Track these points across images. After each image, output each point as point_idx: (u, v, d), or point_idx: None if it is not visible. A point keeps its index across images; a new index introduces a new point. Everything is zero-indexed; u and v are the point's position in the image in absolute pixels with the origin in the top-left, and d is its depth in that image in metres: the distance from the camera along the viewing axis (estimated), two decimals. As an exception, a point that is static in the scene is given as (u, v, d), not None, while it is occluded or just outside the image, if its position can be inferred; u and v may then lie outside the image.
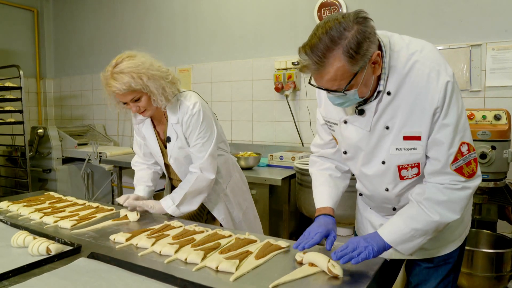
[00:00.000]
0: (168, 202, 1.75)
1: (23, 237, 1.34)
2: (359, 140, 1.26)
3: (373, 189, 1.35)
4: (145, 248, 1.34)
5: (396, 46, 1.15)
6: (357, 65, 1.05)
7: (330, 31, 1.02)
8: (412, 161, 1.21)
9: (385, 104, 1.17)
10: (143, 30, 4.40)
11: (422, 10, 2.85)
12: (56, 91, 5.38)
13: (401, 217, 1.20)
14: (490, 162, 2.13)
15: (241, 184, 2.06)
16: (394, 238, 1.18)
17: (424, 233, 1.18)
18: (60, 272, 1.16)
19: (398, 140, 1.19)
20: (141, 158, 1.98)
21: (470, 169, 1.15)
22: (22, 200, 1.99)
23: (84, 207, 1.88)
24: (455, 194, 1.15)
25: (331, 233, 1.26)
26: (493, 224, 2.49)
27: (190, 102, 1.71)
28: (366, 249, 1.14)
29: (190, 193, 1.75)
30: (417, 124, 1.15)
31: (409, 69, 1.13)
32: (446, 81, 1.10)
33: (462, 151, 1.14)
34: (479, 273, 2.21)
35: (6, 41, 4.80)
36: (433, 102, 1.11)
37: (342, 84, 1.08)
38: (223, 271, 1.15)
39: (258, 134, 3.69)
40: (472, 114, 2.26)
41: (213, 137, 1.76)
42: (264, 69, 3.54)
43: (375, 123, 1.21)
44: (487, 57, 2.65)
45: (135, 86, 1.56)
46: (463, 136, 1.14)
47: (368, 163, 1.29)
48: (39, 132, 4.19)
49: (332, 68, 1.04)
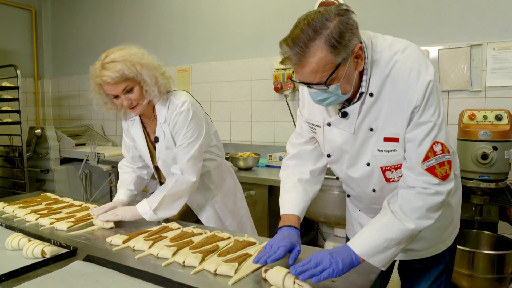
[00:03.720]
0: (145, 207, 1.63)
1: (18, 239, 1.32)
2: (343, 143, 1.24)
3: (360, 191, 1.34)
4: (142, 251, 1.32)
5: (378, 47, 1.13)
6: (340, 56, 1.02)
7: (312, 22, 1.01)
8: (394, 162, 1.19)
9: (368, 106, 1.15)
10: (142, 30, 4.37)
11: (423, 10, 2.83)
12: (54, 91, 5.35)
13: (373, 227, 1.12)
14: (492, 163, 2.11)
15: (235, 191, 1.98)
16: (367, 250, 1.09)
17: (398, 242, 1.10)
18: (55, 276, 1.13)
19: (379, 142, 1.17)
20: (128, 161, 1.91)
21: (444, 170, 1.11)
22: (18, 201, 1.96)
23: (81, 208, 1.86)
24: (429, 199, 1.11)
25: (295, 246, 1.18)
26: (494, 225, 2.47)
27: (179, 100, 1.66)
28: (330, 266, 1.03)
29: (169, 196, 1.63)
30: (396, 125, 1.13)
31: (390, 69, 1.11)
32: (427, 81, 1.08)
33: (434, 150, 1.11)
34: (480, 275, 2.19)
35: (3, 41, 4.77)
36: (412, 101, 1.09)
37: (324, 76, 1.04)
38: (221, 275, 1.12)
39: (257, 134, 3.67)
40: (473, 114, 2.25)
41: (200, 138, 1.68)
42: (263, 69, 3.52)
43: (359, 125, 1.18)
44: (487, 57, 2.64)
45: (128, 73, 1.51)
46: (437, 135, 1.11)
47: (353, 166, 1.27)
48: (36, 132, 4.16)
49: (314, 58, 1.01)
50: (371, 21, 3.01)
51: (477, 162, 2.15)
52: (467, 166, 2.21)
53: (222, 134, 3.86)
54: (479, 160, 2.13)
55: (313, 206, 2.75)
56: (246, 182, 2.87)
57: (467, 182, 2.23)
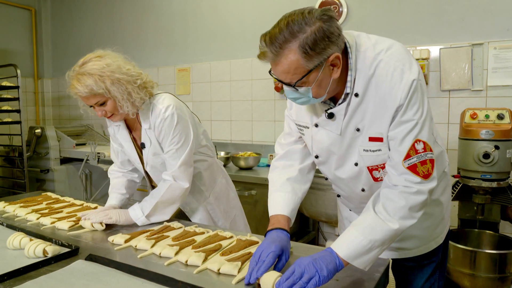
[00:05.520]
0: (138, 213, 1.61)
1: (19, 239, 1.31)
2: (331, 144, 1.23)
3: (350, 191, 1.33)
4: (145, 250, 1.31)
5: (362, 47, 1.13)
6: (312, 63, 1.02)
7: (291, 24, 1.01)
8: (380, 162, 1.19)
9: (354, 106, 1.14)
10: (142, 30, 4.36)
11: (423, 9, 2.83)
12: (54, 91, 5.34)
13: (357, 229, 1.10)
14: (493, 162, 2.11)
15: (228, 190, 1.95)
16: (351, 252, 1.06)
17: (382, 243, 1.08)
18: (57, 275, 1.13)
19: (365, 142, 1.17)
20: (118, 166, 1.88)
21: (426, 169, 1.10)
22: (19, 201, 1.95)
23: (82, 208, 1.85)
24: (412, 198, 1.10)
25: (284, 252, 1.13)
26: (496, 224, 2.47)
27: (163, 105, 1.60)
28: (316, 274, 1.01)
29: (162, 202, 1.61)
30: (381, 125, 1.13)
31: (375, 69, 1.10)
32: (410, 80, 1.07)
33: (416, 149, 1.10)
34: (482, 274, 2.19)
35: (3, 41, 4.76)
36: (396, 101, 1.08)
37: (294, 78, 1.05)
38: (225, 274, 1.12)
39: (257, 134, 3.66)
40: (475, 113, 2.24)
41: (188, 142, 1.64)
42: (264, 68, 3.47)
43: (345, 126, 1.18)
44: (489, 56, 2.63)
45: (97, 90, 1.47)
46: (419, 133, 1.10)
47: (342, 166, 1.27)
48: (36, 132, 4.15)
49: (286, 60, 1.02)
50: (372, 21, 3.01)
51: (479, 161, 2.14)
52: (469, 165, 2.20)
53: (223, 133, 3.85)
54: (481, 159, 2.13)
55: (315, 205, 2.74)
56: (247, 181, 2.86)
57: (468, 182, 2.23)
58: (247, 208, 2.05)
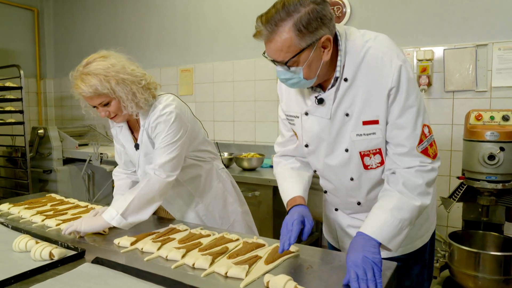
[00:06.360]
0: (111, 213, 1.50)
1: (25, 241, 1.31)
2: (321, 130, 1.27)
3: (338, 181, 1.35)
4: (151, 253, 1.31)
5: (352, 36, 1.20)
6: (304, 41, 1.08)
7: (287, 5, 1.08)
8: (373, 146, 1.23)
9: (343, 91, 1.20)
10: (144, 30, 4.36)
11: (427, 10, 2.82)
12: (56, 91, 5.35)
13: (384, 210, 1.15)
14: (499, 164, 2.09)
15: (225, 195, 1.87)
16: (386, 234, 1.12)
17: (410, 222, 1.16)
18: (64, 278, 1.12)
19: (358, 126, 1.21)
20: (122, 167, 1.85)
21: (433, 150, 1.20)
22: (23, 202, 1.95)
23: (87, 209, 1.85)
24: (427, 175, 1.18)
25: (306, 219, 1.23)
26: (500, 226, 2.46)
27: (163, 104, 1.59)
28: (374, 264, 1.05)
29: (139, 198, 1.52)
30: (375, 108, 1.18)
31: (364, 54, 1.17)
32: (399, 65, 1.14)
33: (425, 133, 1.19)
34: (486, 276, 2.18)
35: (6, 41, 4.76)
36: (387, 83, 1.14)
37: (287, 56, 1.10)
38: (232, 277, 1.11)
39: (260, 134, 3.66)
40: (480, 115, 2.23)
41: (180, 142, 1.59)
42: (267, 69, 3.51)
43: (335, 110, 1.23)
44: (493, 57, 2.62)
45: (101, 90, 1.46)
46: (424, 118, 1.19)
47: (332, 153, 1.30)
48: (39, 132, 4.15)
49: (280, 38, 1.08)
50: (375, 22, 3.00)
51: (484, 163, 2.13)
52: (473, 166, 2.19)
53: (226, 134, 3.85)
54: (486, 161, 2.12)
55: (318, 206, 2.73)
56: (250, 182, 2.86)
57: (473, 183, 2.22)
58: (250, 209, 2.04)
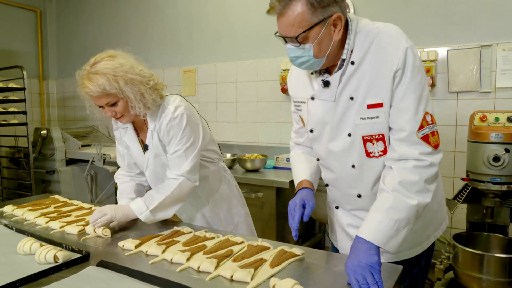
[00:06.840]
0: (141, 207, 1.55)
1: (30, 244, 1.31)
2: (325, 113, 1.29)
3: (340, 169, 1.35)
4: (155, 256, 1.30)
5: (363, 21, 1.23)
6: (316, 16, 1.10)
7: None
8: (376, 131, 1.22)
9: (349, 74, 1.21)
10: (147, 31, 4.36)
11: (431, 10, 2.81)
12: (59, 92, 5.35)
13: (379, 212, 1.15)
14: (504, 165, 2.08)
15: (230, 197, 1.89)
16: (381, 236, 1.11)
17: (407, 222, 1.14)
18: (69, 282, 1.12)
19: (363, 110, 1.21)
20: (125, 169, 1.85)
21: (435, 139, 1.18)
22: (27, 204, 1.95)
23: (91, 211, 1.84)
24: (425, 172, 1.16)
25: (306, 202, 1.30)
26: (505, 227, 2.45)
27: (173, 105, 1.58)
28: (371, 268, 1.06)
29: (170, 198, 1.58)
30: (380, 91, 1.18)
31: (373, 39, 1.18)
32: (405, 47, 1.14)
33: (427, 120, 1.17)
34: (491, 278, 2.17)
35: (8, 42, 4.77)
36: (393, 65, 1.15)
37: (298, 31, 1.12)
38: (238, 281, 1.11)
39: (263, 135, 3.65)
40: (484, 116, 2.22)
41: (196, 144, 1.62)
42: (270, 69, 3.50)
43: (339, 93, 1.23)
44: (497, 58, 2.61)
45: (110, 89, 1.45)
46: (426, 106, 1.18)
47: (335, 138, 1.30)
48: (42, 133, 4.16)
49: (293, 12, 1.10)
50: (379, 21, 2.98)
51: (489, 164, 2.12)
52: (478, 168, 2.18)
53: (228, 135, 3.85)
54: (490, 163, 2.11)
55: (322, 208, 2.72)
56: (253, 184, 2.86)
57: (478, 185, 2.21)
58: (253, 210, 2.03)
